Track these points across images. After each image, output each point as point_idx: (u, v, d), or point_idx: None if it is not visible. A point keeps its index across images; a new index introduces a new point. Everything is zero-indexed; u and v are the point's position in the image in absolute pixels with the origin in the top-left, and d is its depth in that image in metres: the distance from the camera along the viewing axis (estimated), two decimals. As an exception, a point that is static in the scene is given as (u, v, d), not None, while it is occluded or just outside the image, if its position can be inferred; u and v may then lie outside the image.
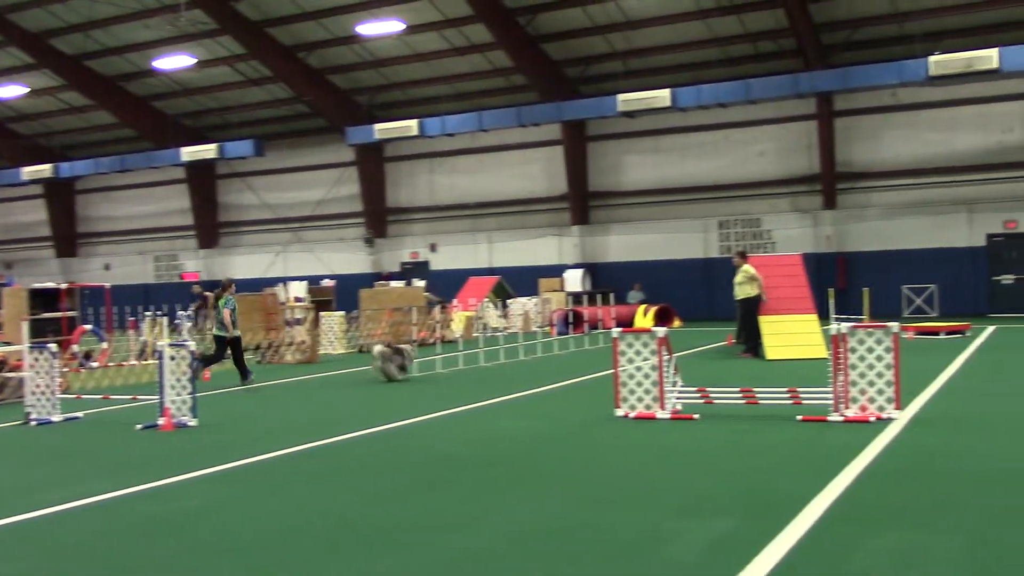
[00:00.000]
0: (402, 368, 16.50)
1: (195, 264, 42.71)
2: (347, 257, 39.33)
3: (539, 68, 32.95)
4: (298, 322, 21.76)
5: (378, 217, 38.76)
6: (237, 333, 16.70)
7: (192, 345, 11.95)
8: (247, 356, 17.86)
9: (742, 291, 18.57)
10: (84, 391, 15.54)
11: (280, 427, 11.58)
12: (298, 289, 27.07)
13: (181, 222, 43.01)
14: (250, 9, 32.72)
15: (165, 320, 13.11)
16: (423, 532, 6.41)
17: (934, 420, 10.33)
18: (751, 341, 18.44)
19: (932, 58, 25.22)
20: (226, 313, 16.49)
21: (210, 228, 42.33)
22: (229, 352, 16.85)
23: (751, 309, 18.47)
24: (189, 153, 36.96)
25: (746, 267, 18.64)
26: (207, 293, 25.49)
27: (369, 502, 7.37)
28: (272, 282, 31.27)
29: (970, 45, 27.11)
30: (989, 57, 24.56)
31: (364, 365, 19.97)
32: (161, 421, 11.53)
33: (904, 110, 30.50)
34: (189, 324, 13.36)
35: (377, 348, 16.82)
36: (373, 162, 38.42)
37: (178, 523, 6.92)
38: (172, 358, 11.70)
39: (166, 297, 34.47)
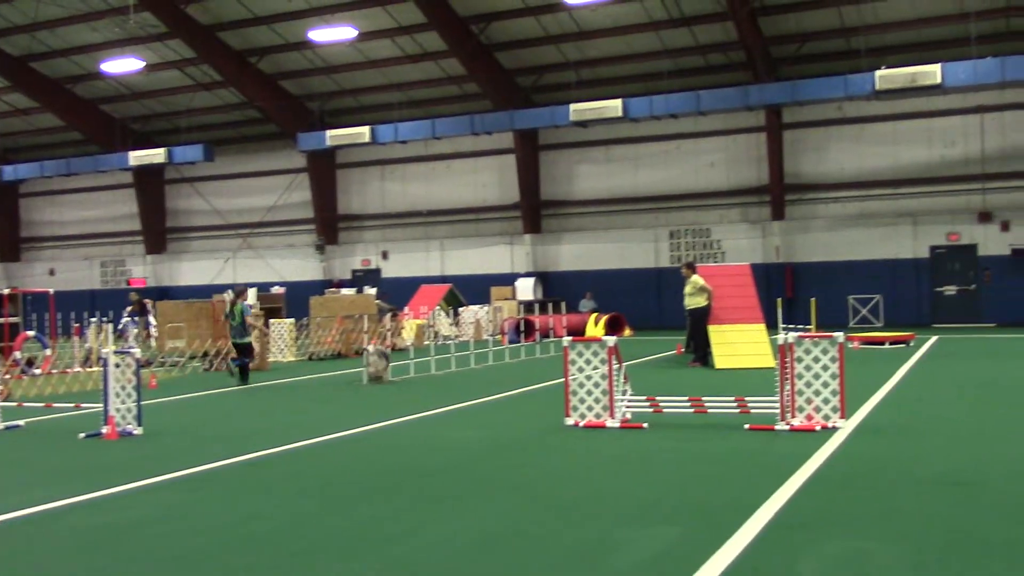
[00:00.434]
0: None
1: (142, 270, 42.10)
2: (298, 264, 39.03)
3: (492, 77, 33.01)
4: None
5: (329, 224, 38.53)
6: (249, 339, 17.98)
7: (138, 352, 11.75)
8: (194, 363, 17.67)
9: (692, 301, 18.68)
10: (26, 399, 15.21)
11: (226, 436, 11.42)
12: (247, 296, 26.78)
13: (128, 227, 42.38)
14: (201, 13, 32.39)
15: (110, 327, 12.87)
16: (369, 541, 6.34)
17: (879, 428, 10.46)
18: (700, 350, 18.58)
19: (878, 73, 25.66)
20: (248, 318, 17.89)
21: (158, 234, 41.77)
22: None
23: (700, 319, 18.59)
24: (137, 157, 36.44)
25: (695, 278, 18.75)
26: (145, 301, 25.25)
27: (315, 512, 7.28)
28: (221, 288, 30.92)
29: (914, 60, 27.71)
30: (932, 73, 25.05)
31: (314, 373, 19.82)
32: (105, 430, 11.32)
33: (850, 123, 31.02)
34: (135, 330, 13.27)
35: (372, 347, 17.43)
36: (324, 169, 38.20)
37: (120, 534, 6.78)
38: (117, 365, 11.49)
39: (112, 303, 33.93)
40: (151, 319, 24.60)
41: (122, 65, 34.48)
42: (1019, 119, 29.34)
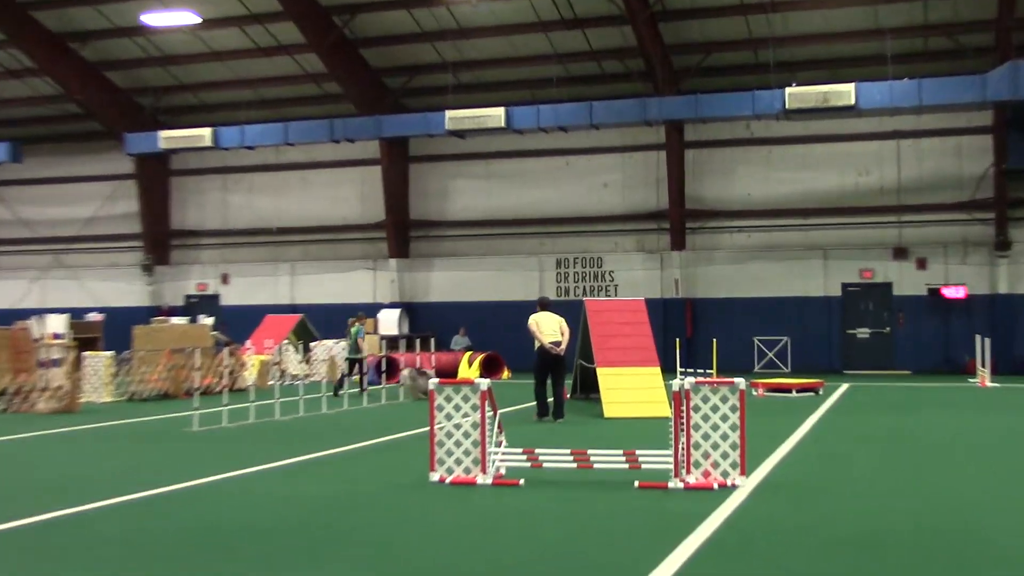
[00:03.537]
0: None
1: (-72, 290, 40.31)
2: (120, 287, 38.01)
3: (357, 76, 32.93)
4: (55, 363, 20.81)
5: (160, 241, 37.67)
6: (363, 356, 23.54)
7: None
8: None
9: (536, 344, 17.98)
10: None
11: (22, 490, 11.01)
12: (57, 323, 25.95)
13: (-88, 238, 40.59)
14: (11, -13, 31.46)
15: None
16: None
17: (781, 487, 10.75)
18: (536, 399, 17.92)
19: (788, 90, 26.56)
20: (360, 341, 23.71)
21: (-51, 247, 40.13)
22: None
23: (536, 365, 18.01)
24: (-74, 155, 34.98)
25: (532, 316, 18.10)
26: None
27: (130, 582, 7.06)
28: (26, 314, 29.80)
29: (827, 79, 28.81)
30: (846, 92, 26.05)
31: (137, 416, 19.30)
32: None
33: (758, 144, 32.00)
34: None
35: (406, 371, 20.72)
36: (156, 176, 37.39)
37: None
38: None
39: None
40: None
41: (-89, 44, 33.13)
42: (936, 147, 30.72)
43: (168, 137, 32.62)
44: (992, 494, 10.43)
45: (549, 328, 17.86)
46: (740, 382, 10.52)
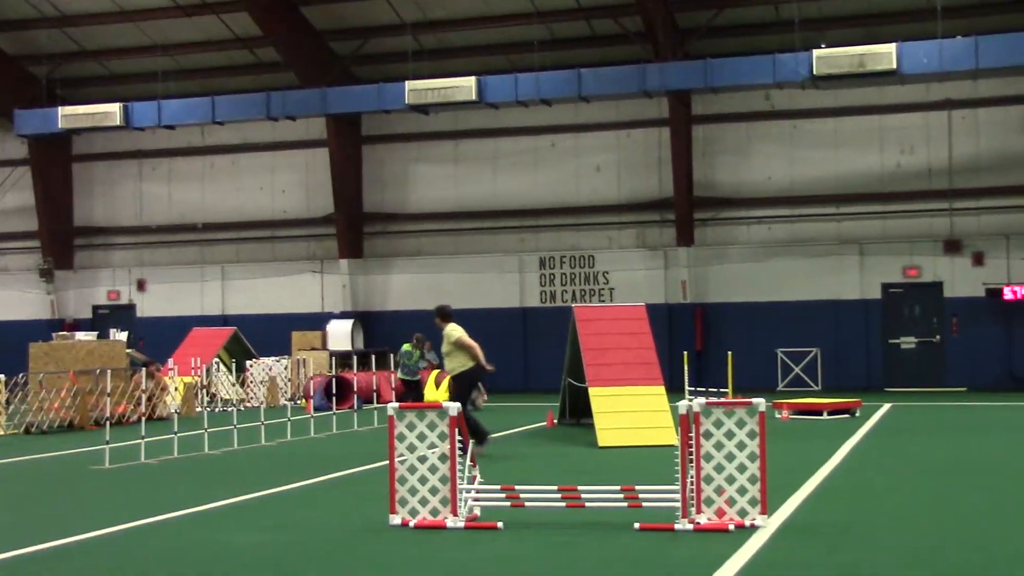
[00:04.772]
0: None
1: None
2: (12, 296, 37.82)
3: (298, 40, 32.88)
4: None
5: (61, 240, 37.53)
6: (418, 378, 25.26)
7: None
8: None
9: (452, 363, 17.74)
10: None
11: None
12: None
13: None
14: None
15: None
16: None
17: (809, 528, 10.81)
18: (473, 432, 16.66)
19: (816, 52, 26.68)
20: (423, 366, 25.52)
21: None
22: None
23: (464, 386, 17.82)
24: None
25: (449, 329, 17.82)
26: None
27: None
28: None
29: (863, 38, 28.87)
30: (886, 55, 26.21)
31: (34, 452, 19.22)
32: None
33: (780, 118, 32.09)
34: None
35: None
36: (55, 161, 37.23)
37: None
38: None
39: None
40: None
41: None
42: (995, 119, 30.91)
43: (69, 114, 32.51)
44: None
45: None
46: (759, 403, 10.58)
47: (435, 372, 29.36)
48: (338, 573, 9.30)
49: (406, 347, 24.97)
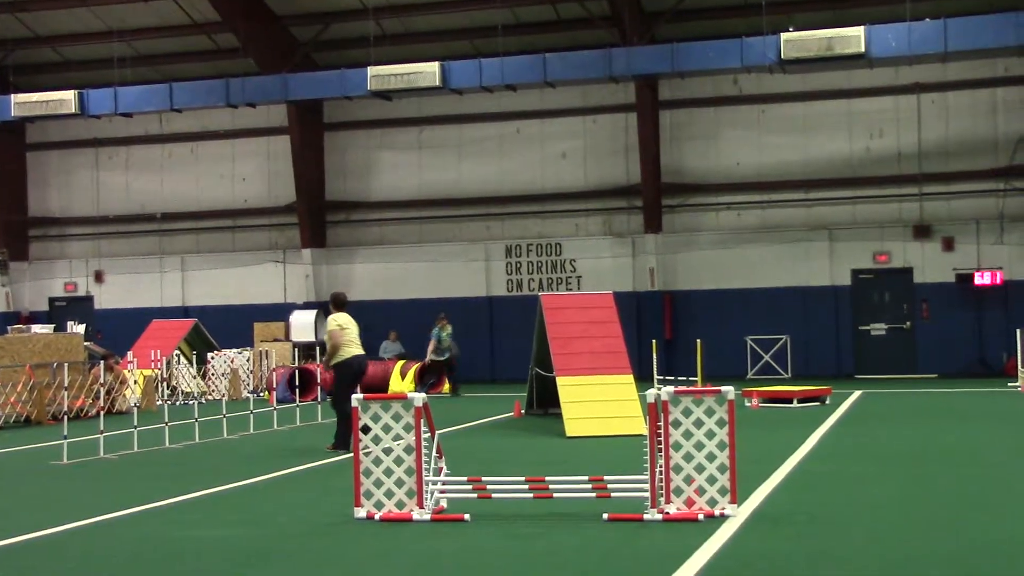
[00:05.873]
0: None
1: None
2: (-33, 289, 37.63)
3: (257, 25, 32.74)
4: None
5: (15, 231, 37.30)
6: (445, 357, 28.15)
7: None
8: None
9: (330, 355, 17.61)
10: None
11: None
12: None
13: None
14: None
15: None
16: None
17: (780, 517, 10.87)
18: (341, 431, 17.13)
19: (784, 36, 26.77)
20: (432, 343, 28.21)
21: None
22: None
23: (342, 379, 17.57)
24: None
25: (332, 317, 17.66)
26: None
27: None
28: None
29: (831, 21, 28.99)
30: (854, 38, 26.30)
31: (-11, 448, 19.14)
32: None
33: (749, 103, 32.25)
34: None
35: None
36: (8, 151, 37.03)
37: None
38: None
39: None
40: None
41: None
42: (965, 103, 31.16)
43: (22, 102, 32.27)
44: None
45: (354, 333, 17.62)
46: (728, 391, 10.62)
47: (400, 363, 29.44)
48: (303, 567, 9.29)
49: (446, 330, 28.30)
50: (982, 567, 8.85)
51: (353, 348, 17.50)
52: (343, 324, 17.52)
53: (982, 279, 30.26)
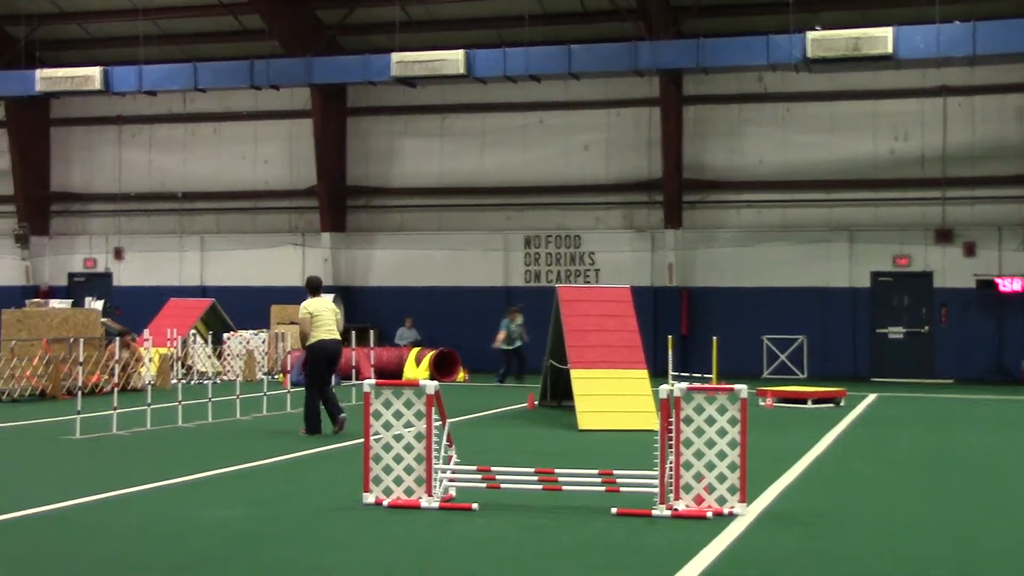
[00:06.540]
0: None
1: None
2: (-14, 262, 37.78)
3: (283, 7, 32.76)
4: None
5: (38, 206, 37.40)
6: (517, 346, 28.55)
7: None
8: None
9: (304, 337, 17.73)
10: None
11: None
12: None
13: None
14: None
15: None
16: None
17: (789, 517, 10.86)
18: (309, 415, 17.51)
19: (810, 34, 26.66)
20: (502, 334, 28.65)
21: None
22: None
23: (315, 362, 17.68)
24: None
25: (304, 304, 17.77)
26: None
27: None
28: None
29: (859, 21, 28.86)
30: (882, 38, 26.16)
31: (5, 420, 19.20)
32: None
33: (773, 101, 32.08)
34: None
35: None
36: (33, 125, 37.07)
37: None
38: None
39: None
40: None
41: None
42: (992, 107, 30.91)
43: (47, 77, 32.34)
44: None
45: (327, 319, 17.71)
46: (741, 389, 10.61)
47: (415, 350, 29.44)
48: (308, 551, 9.31)
49: (516, 321, 28.53)
50: (993, 573, 8.82)
51: (322, 332, 17.55)
52: (313, 311, 17.60)
53: (1010, 285, 29.80)
